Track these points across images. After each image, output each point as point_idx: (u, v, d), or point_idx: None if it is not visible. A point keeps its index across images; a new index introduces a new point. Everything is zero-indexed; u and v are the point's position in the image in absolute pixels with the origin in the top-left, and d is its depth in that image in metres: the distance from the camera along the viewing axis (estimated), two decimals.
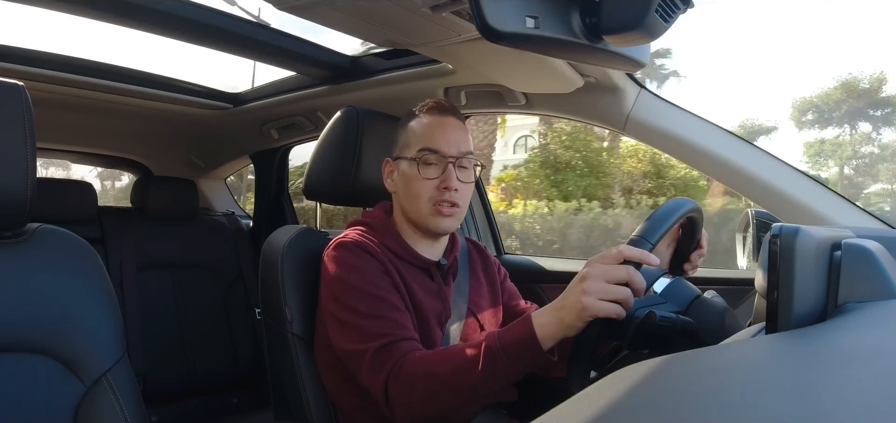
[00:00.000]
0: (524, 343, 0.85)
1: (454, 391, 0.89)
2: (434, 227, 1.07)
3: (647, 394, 0.35)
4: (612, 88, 1.29)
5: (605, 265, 0.81)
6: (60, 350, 0.88)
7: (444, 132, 1.07)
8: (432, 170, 1.05)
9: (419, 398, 0.90)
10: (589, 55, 0.82)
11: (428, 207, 1.06)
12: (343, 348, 1.00)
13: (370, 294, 0.99)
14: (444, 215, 1.05)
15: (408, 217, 1.09)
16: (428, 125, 1.08)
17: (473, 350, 0.89)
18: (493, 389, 0.88)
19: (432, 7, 1.02)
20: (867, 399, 0.30)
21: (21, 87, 0.85)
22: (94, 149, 2.52)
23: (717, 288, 1.00)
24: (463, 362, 0.89)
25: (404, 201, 1.09)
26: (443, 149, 1.05)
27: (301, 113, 1.92)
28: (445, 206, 1.05)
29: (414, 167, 1.06)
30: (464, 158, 1.08)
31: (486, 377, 0.87)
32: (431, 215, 1.06)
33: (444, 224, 1.07)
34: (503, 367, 0.86)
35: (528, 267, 1.74)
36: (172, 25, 1.38)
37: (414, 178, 1.06)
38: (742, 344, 0.54)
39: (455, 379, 0.89)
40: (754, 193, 1.21)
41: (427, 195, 1.05)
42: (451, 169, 1.05)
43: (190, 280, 2.15)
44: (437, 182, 1.05)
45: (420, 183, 1.05)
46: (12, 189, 0.83)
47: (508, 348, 0.86)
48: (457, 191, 1.06)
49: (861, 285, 0.51)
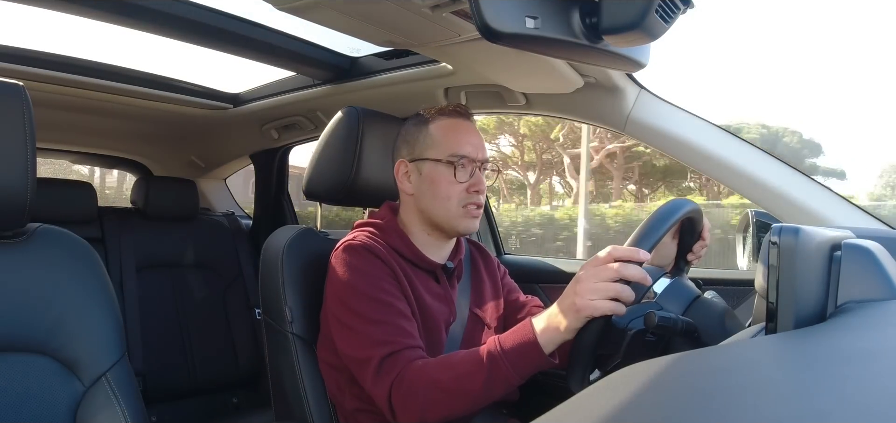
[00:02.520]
0: (526, 349, 0.88)
1: (457, 398, 0.90)
2: (464, 228, 1.09)
3: (648, 394, 0.35)
4: (612, 88, 1.29)
5: (595, 267, 0.83)
6: (60, 350, 0.88)
7: (470, 137, 1.10)
8: (464, 173, 1.08)
9: (422, 406, 0.91)
10: (589, 55, 0.82)
11: (458, 210, 1.08)
12: (348, 354, 1.00)
13: (377, 300, 0.99)
14: (473, 216, 1.09)
15: (430, 218, 1.10)
16: (454, 129, 1.10)
17: (476, 357, 0.90)
18: (495, 394, 0.90)
19: (432, 7, 1.02)
20: (867, 400, 0.30)
21: (21, 87, 0.85)
22: (94, 149, 2.52)
23: (717, 288, 1.00)
24: (466, 369, 0.90)
25: (430, 203, 1.09)
26: (471, 153, 1.08)
27: (301, 113, 1.92)
28: (473, 208, 1.08)
29: (445, 170, 1.07)
30: (487, 163, 1.12)
31: (488, 384, 0.88)
32: (461, 216, 1.08)
33: (472, 225, 1.10)
34: (506, 373, 0.88)
35: (529, 267, 1.74)
36: (172, 25, 1.38)
37: (445, 180, 1.07)
38: (742, 344, 0.54)
39: (458, 387, 0.90)
40: (754, 194, 1.21)
41: (457, 198, 1.07)
42: (479, 173, 1.09)
43: (190, 280, 2.15)
44: (468, 185, 1.08)
45: (452, 186, 1.07)
46: (12, 189, 0.83)
47: (510, 354, 0.88)
48: (482, 194, 1.09)
49: (861, 285, 0.51)
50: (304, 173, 1.28)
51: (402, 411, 0.93)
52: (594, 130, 13.02)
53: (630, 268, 0.81)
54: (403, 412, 0.93)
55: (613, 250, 0.84)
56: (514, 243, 11.97)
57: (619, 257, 0.83)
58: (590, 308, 0.81)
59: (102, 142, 2.43)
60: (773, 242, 0.52)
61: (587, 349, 0.85)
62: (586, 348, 0.85)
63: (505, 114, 1.60)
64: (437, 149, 1.09)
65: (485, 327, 1.16)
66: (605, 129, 1.46)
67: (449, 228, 1.10)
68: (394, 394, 0.93)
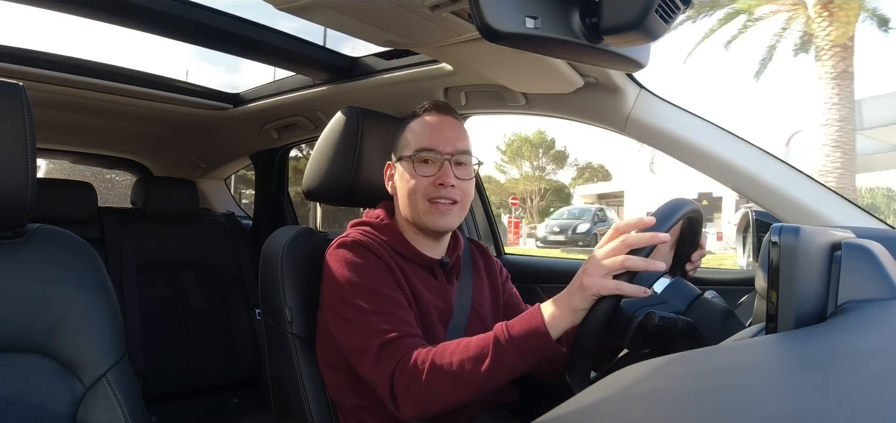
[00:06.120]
0: (533, 333, 0.87)
1: (463, 383, 0.89)
2: (432, 224, 1.07)
3: (648, 394, 0.35)
4: (612, 88, 1.29)
5: (602, 248, 0.86)
6: (60, 350, 0.88)
7: (440, 131, 1.08)
8: (428, 167, 1.07)
9: (426, 392, 0.90)
10: (589, 55, 0.82)
11: (424, 205, 1.06)
12: (347, 345, 1.00)
13: (374, 292, 0.99)
14: (440, 210, 1.06)
15: (406, 217, 1.10)
16: (424, 125, 1.10)
17: (482, 342, 0.90)
18: (501, 381, 0.89)
19: (432, 7, 1.02)
20: (867, 400, 0.30)
21: (21, 87, 0.85)
22: (94, 149, 2.52)
23: (717, 288, 1.00)
24: (471, 354, 0.89)
25: (401, 202, 1.10)
26: (439, 146, 1.07)
27: (301, 113, 1.92)
28: (442, 202, 1.06)
29: (410, 166, 1.07)
30: (461, 156, 1.08)
31: (494, 369, 0.88)
32: (427, 212, 1.06)
33: (442, 221, 1.07)
34: (512, 358, 0.87)
35: (529, 267, 1.75)
36: (172, 25, 1.38)
37: (410, 176, 1.07)
38: (742, 344, 0.54)
39: (463, 371, 0.89)
40: (754, 194, 1.21)
41: (422, 192, 1.06)
42: (448, 166, 1.06)
43: (190, 280, 2.15)
44: (433, 179, 1.06)
45: (417, 180, 1.06)
46: (12, 189, 0.83)
47: (517, 339, 0.88)
48: (454, 187, 1.07)
49: (861, 285, 0.51)
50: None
51: (404, 397, 0.92)
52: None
53: (635, 236, 0.84)
54: (406, 399, 0.91)
55: (617, 225, 0.87)
56: None
57: (624, 229, 0.85)
58: (597, 286, 0.83)
59: (102, 142, 2.43)
60: (773, 242, 0.52)
61: (588, 348, 0.85)
62: (587, 346, 0.85)
63: (505, 114, 1.59)
64: (408, 147, 1.09)
65: (484, 326, 1.16)
66: (605, 129, 1.46)
67: (421, 225, 1.09)
68: (396, 380, 0.92)
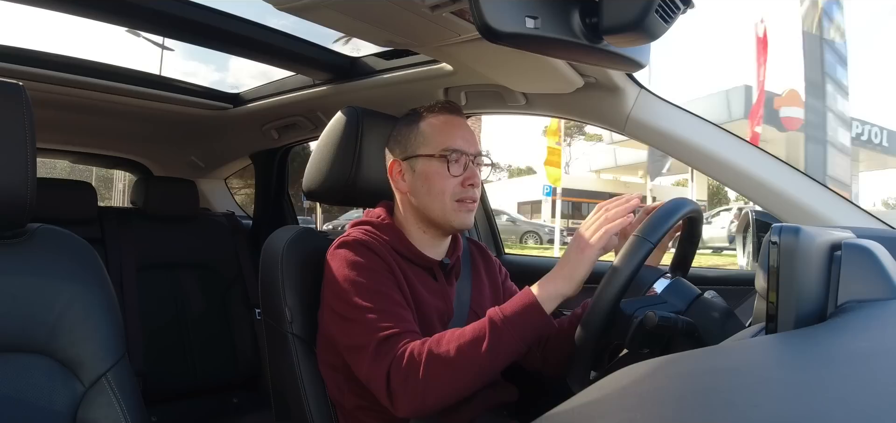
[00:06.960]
0: (526, 310, 0.91)
1: (460, 370, 0.89)
2: (458, 223, 1.09)
3: (648, 394, 0.35)
4: (612, 88, 1.29)
5: (584, 222, 0.95)
6: (60, 350, 0.88)
7: (462, 131, 1.11)
8: (457, 167, 1.08)
9: (423, 384, 0.90)
10: (589, 55, 0.82)
11: (452, 204, 1.08)
12: (346, 343, 1.00)
13: (374, 290, 0.99)
14: (467, 210, 1.09)
15: (426, 215, 1.10)
16: (446, 125, 1.11)
17: (477, 328, 0.92)
18: (499, 365, 0.91)
19: (432, 7, 1.02)
20: (867, 399, 0.30)
21: (21, 87, 0.85)
22: (94, 149, 2.52)
23: (717, 288, 1.00)
24: (467, 339, 0.91)
25: (425, 199, 1.09)
26: (464, 147, 1.09)
27: (301, 113, 1.92)
28: (468, 202, 1.09)
29: (439, 165, 1.08)
30: (480, 157, 1.12)
31: (491, 352, 0.89)
32: (455, 211, 1.08)
33: (467, 220, 1.10)
34: (508, 339, 0.89)
35: (529, 267, 1.74)
36: (172, 25, 1.38)
37: (439, 175, 1.08)
38: (742, 344, 0.54)
39: (460, 358, 0.89)
40: (754, 194, 1.21)
41: (451, 192, 1.08)
42: (473, 166, 1.10)
43: (190, 280, 2.15)
44: (462, 179, 1.08)
45: (446, 180, 1.07)
46: (12, 189, 0.83)
47: (511, 318, 0.90)
48: (477, 187, 1.10)
49: (861, 285, 0.51)
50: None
51: (401, 391, 0.91)
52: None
53: (614, 203, 0.94)
54: (403, 393, 0.91)
55: (600, 203, 0.94)
56: None
57: (607, 206, 0.95)
58: (588, 246, 0.91)
59: (102, 142, 2.43)
60: (773, 242, 0.52)
61: (588, 348, 0.85)
62: (588, 346, 0.85)
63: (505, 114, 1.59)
64: (429, 145, 1.09)
65: None
66: (605, 128, 1.46)
67: (444, 223, 1.10)
68: (392, 374, 0.92)
